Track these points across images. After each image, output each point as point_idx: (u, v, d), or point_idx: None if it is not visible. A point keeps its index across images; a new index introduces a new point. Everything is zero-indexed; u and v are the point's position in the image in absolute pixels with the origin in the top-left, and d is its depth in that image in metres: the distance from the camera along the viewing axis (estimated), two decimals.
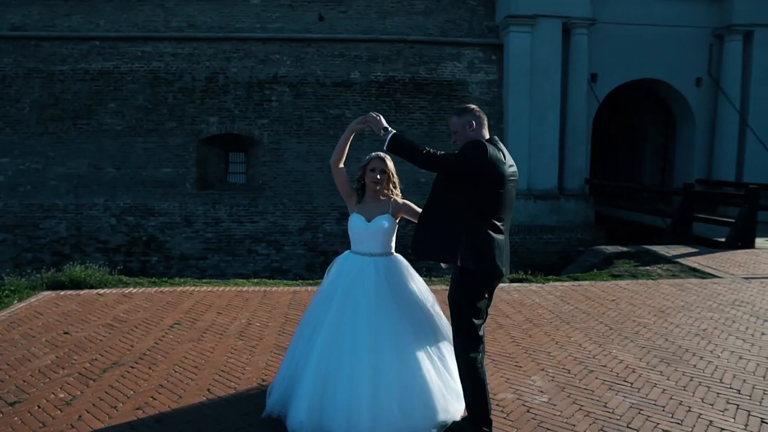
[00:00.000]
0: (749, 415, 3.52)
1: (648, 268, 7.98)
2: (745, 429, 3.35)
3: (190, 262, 13.01)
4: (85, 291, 6.39)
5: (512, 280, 7.23)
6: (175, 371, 4.08)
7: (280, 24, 13.49)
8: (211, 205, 13.11)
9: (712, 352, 4.62)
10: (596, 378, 4.03)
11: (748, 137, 14.13)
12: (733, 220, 9.82)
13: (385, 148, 2.97)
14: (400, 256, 3.35)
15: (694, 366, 4.30)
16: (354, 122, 3.28)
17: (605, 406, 3.59)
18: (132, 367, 4.16)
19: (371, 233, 3.23)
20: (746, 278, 7.34)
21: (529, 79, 13.79)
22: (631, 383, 3.96)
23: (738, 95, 14.19)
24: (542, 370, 4.18)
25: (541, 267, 11.70)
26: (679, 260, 8.33)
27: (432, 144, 14.23)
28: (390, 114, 13.81)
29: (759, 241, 9.61)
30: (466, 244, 2.93)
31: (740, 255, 8.85)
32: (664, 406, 3.60)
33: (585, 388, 3.85)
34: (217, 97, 13.19)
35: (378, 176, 3.28)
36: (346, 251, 3.41)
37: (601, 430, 3.28)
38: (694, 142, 14.88)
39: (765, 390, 3.89)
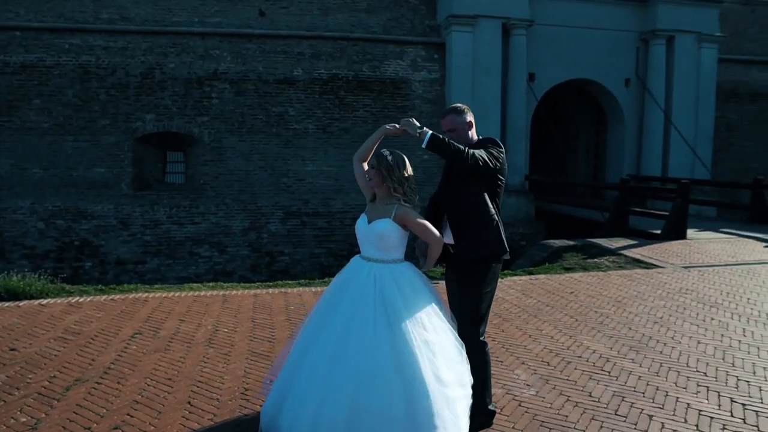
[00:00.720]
0: (719, 395, 3.73)
1: (596, 260, 8.32)
2: (719, 408, 3.54)
3: (127, 266, 12.37)
4: (25, 302, 5.90)
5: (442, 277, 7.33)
6: (148, 384, 3.84)
7: (219, 18, 13.05)
8: (149, 206, 12.52)
9: (672, 338, 4.86)
10: (575, 369, 4.14)
11: (672, 134, 15.04)
12: (665, 213, 10.41)
13: (424, 146, 2.94)
14: (408, 267, 2.93)
15: (661, 352, 4.51)
16: (388, 125, 3.12)
17: (590, 396, 3.70)
18: (98, 383, 3.87)
19: (368, 236, 2.97)
20: (685, 267, 7.81)
21: (471, 78, 14.07)
22: (609, 372, 4.10)
23: (663, 95, 15.08)
24: (523, 363, 4.25)
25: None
26: (622, 252, 8.73)
27: (379, 143, 14.34)
28: (334, 112, 13.72)
29: (690, 232, 10.25)
30: (498, 235, 3.14)
31: (675, 245, 9.40)
32: (643, 392, 3.75)
33: (568, 379, 3.95)
34: (153, 93, 12.60)
35: (369, 171, 3.04)
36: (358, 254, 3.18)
37: (593, 419, 3.37)
38: (623, 139, 15.68)
39: (727, 371, 4.13)
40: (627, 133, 15.64)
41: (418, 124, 3.01)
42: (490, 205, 3.15)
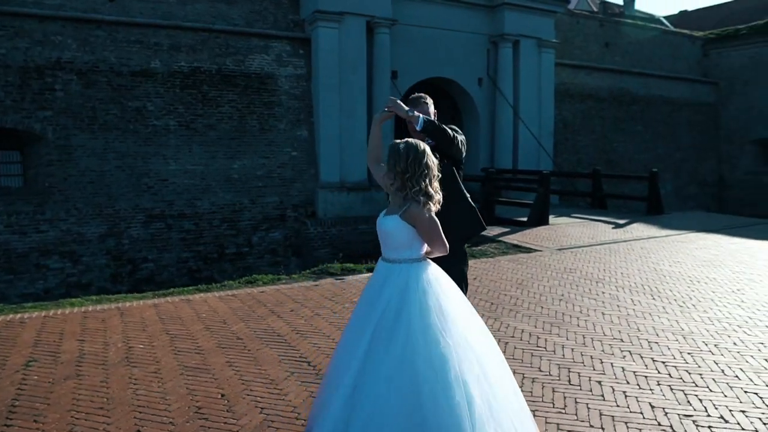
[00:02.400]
0: (642, 357, 4.20)
1: (481, 247, 8.85)
2: (647, 368, 3.98)
3: None
4: None
5: (346, 271, 7.38)
6: (77, 418, 3.30)
7: (60, 1, 11.54)
8: None
9: (581, 312, 5.35)
10: (515, 348, 4.38)
11: (520, 130, 16.48)
12: (529, 202, 11.41)
13: (419, 129, 2.85)
14: (426, 267, 2.67)
15: (578, 326, 4.95)
16: (376, 115, 2.96)
17: (539, 370, 3.94)
18: (7, 425, 3.24)
19: (380, 234, 2.75)
20: (559, 249, 8.63)
21: (338, 74, 14.09)
22: (545, 347, 4.40)
23: (511, 93, 16.45)
24: None
25: (361, 255, 12.16)
26: (501, 239, 9.41)
27: (245, 139, 13.66)
28: (197, 107, 12.91)
29: (549, 219, 11.34)
30: (476, 212, 3.31)
31: (542, 231, 10.36)
32: (582, 362, 4.09)
33: (513, 358, 4.16)
34: None
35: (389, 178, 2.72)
36: None
37: (554, 391, 3.59)
38: (478, 135, 16.81)
39: (637, 336, 4.66)
40: (481, 129, 16.81)
41: (406, 107, 2.98)
42: (463, 185, 3.31)
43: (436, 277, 2.65)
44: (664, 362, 4.10)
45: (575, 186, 17.31)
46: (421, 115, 2.95)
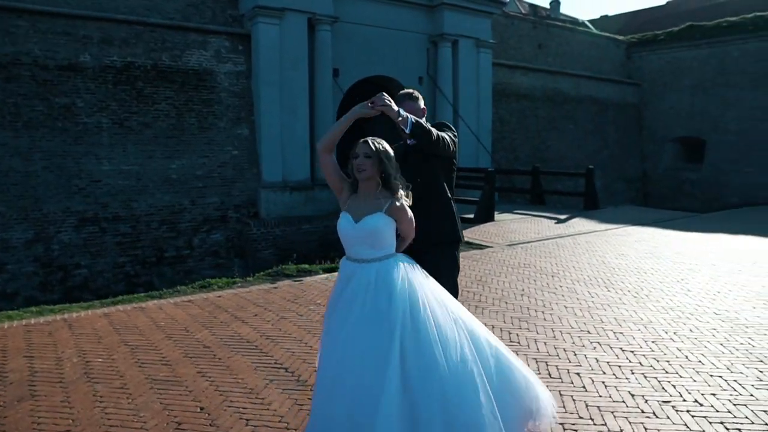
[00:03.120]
0: (611, 347, 4.34)
1: None
2: (617, 359, 4.12)
3: None
4: None
5: (302, 272, 7.27)
6: None
7: None
8: None
9: (544, 306, 5.49)
10: None
11: (460, 128, 16.75)
12: (474, 199, 11.62)
13: (408, 131, 2.75)
14: (403, 258, 2.75)
15: (545, 319, 5.06)
16: (359, 106, 2.73)
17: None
18: None
19: (360, 236, 2.67)
20: (509, 245, 8.84)
21: (279, 71, 13.81)
22: (519, 342, 4.47)
23: (451, 92, 16.70)
24: None
25: (306, 255, 11.98)
26: None
27: (183, 137, 13.13)
28: (131, 105, 12.29)
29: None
30: (456, 218, 3.28)
31: (490, 227, 10.57)
32: (557, 356, 4.18)
33: None
34: None
35: (361, 162, 2.65)
36: (344, 257, 2.83)
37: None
38: None
39: (603, 327, 4.82)
40: None
41: (396, 108, 2.86)
42: (449, 189, 3.30)
43: (412, 263, 2.76)
44: (632, 351, 4.26)
45: (513, 183, 17.82)
46: (410, 117, 2.87)
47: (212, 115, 13.33)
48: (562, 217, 12.01)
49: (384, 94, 2.77)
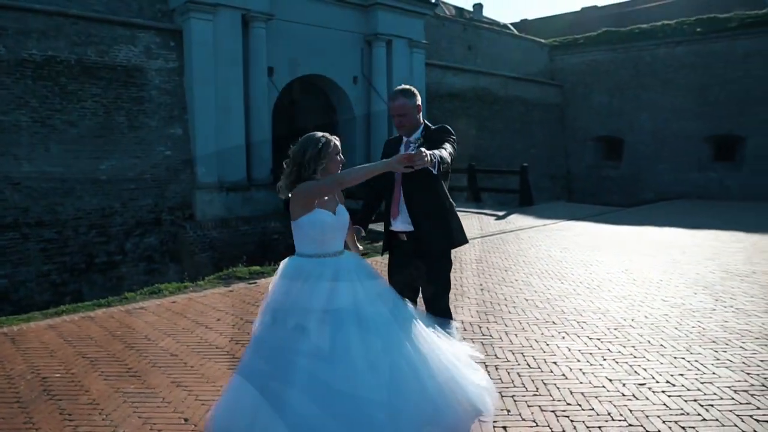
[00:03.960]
0: (579, 336, 4.53)
1: (381, 243, 8.92)
2: (587, 347, 4.30)
3: None
4: None
5: (255, 274, 7.13)
6: None
7: None
8: None
9: (506, 299, 5.64)
10: (467, 338, 4.49)
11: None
12: None
13: (436, 172, 2.77)
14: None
15: (509, 313, 5.20)
16: (396, 161, 2.53)
17: (497, 357, 4.09)
18: None
19: (341, 227, 2.79)
20: None
21: (213, 69, 13.39)
22: (491, 335, 4.57)
23: (385, 92, 16.78)
24: None
25: (251, 257, 11.70)
26: None
27: (112, 137, 12.46)
28: (54, 102, 11.52)
29: None
30: (458, 224, 3.34)
31: None
32: (531, 346, 4.31)
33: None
34: None
35: (342, 158, 2.85)
36: (290, 259, 2.75)
37: (519, 375, 3.75)
38: (354, 132, 16.93)
39: (565, 318, 5.01)
40: (357, 127, 16.94)
41: (428, 158, 2.56)
42: (448, 194, 3.35)
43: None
44: (599, 339, 4.46)
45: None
46: (435, 157, 2.70)
47: (143, 113, 12.71)
48: (501, 213, 12.40)
49: (422, 149, 2.54)
